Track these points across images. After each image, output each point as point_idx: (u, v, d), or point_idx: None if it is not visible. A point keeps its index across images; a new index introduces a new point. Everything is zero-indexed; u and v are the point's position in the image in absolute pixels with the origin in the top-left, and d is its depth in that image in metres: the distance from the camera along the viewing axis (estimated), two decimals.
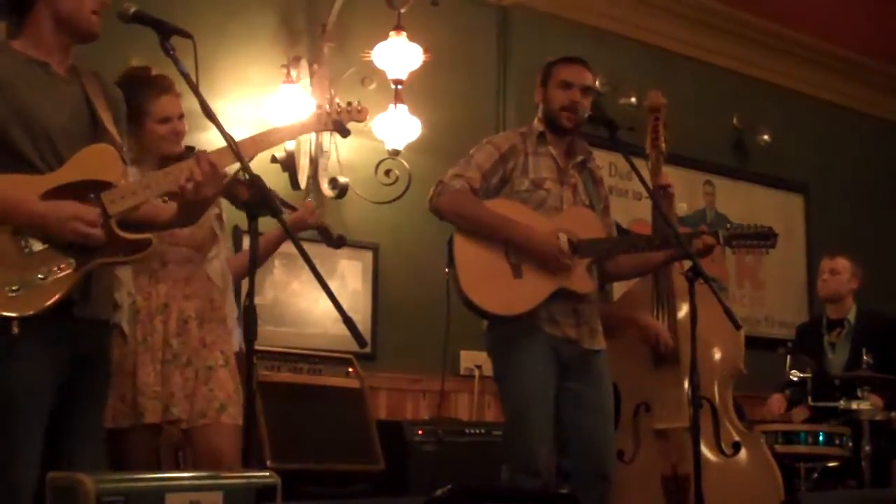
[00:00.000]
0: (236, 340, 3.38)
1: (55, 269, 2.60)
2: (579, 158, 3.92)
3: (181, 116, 3.37)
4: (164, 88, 3.34)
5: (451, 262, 3.72)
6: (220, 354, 3.29)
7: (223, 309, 3.38)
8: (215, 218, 3.42)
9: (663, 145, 4.35)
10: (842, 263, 5.53)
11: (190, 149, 3.36)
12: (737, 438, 4.13)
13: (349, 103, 3.03)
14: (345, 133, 3.00)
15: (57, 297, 2.59)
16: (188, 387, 3.23)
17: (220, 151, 2.80)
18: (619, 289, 4.92)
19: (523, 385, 3.68)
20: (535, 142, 3.85)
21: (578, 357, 3.76)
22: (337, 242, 3.75)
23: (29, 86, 2.68)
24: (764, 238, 3.99)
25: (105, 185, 2.68)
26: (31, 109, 2.65)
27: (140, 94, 3.31)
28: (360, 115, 3.05)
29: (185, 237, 3.29)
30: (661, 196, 4.15)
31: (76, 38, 2.77)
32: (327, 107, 3.02)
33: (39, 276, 2.58)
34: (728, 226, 4.05)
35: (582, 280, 3.76)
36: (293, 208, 3.61)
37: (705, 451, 3.84)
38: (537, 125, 3.90)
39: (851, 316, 5.51)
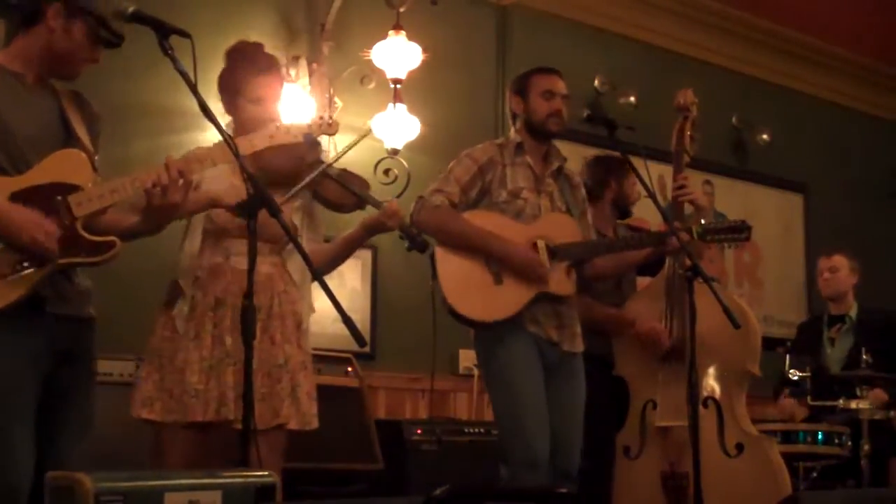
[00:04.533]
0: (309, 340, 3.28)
1: (18, 267, 2.64)
2: (555, 165, 3.99)
3: (277, 99, 3.28)
4: (264, 69, 3.26)
5: (434, 274, 3.80)
6: (282, 353, 3.17)
7: (296, 304, 3.26)
8: (296, 209, 3.31)
9: (689, 146, 4.35)
10: (839, 260, 5.56)
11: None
12: (741, 440, 4.12)
13: (321, 116, 3.04)
14: (315, 146, 3.00)
15: (19, 294, 2.63)
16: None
17: (186, 158, 2.84)
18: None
19: (513, 379, 3.74)
20: (512, 153, 3.92)
21: (558, 359, 3.83)
22: (420, 246, 3.60)
23: (1, 94, 2.72)
24: (737, 231, 4.08)
25: (73, 188, 2.72)
26: (2, 116, 2.69)
27: (238, 69, 3.24)
28: (330, 128, 3.06)
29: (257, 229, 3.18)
30: (679, 205, 4.22)
31: (57, 74, 2.84)
32: (294, 122, 3.00)
33: (2, 273, 2.61)
34: (702, 221, 4.10)
35: (561, 283, 3.84)
36: (377, 206, 3.44)
37: (707, 450, 3.83)
38: (514, 136, 3.97)
39: (853, 312, 5.53)
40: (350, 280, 5.16)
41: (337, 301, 2.61)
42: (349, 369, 4.57)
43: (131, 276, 4.20)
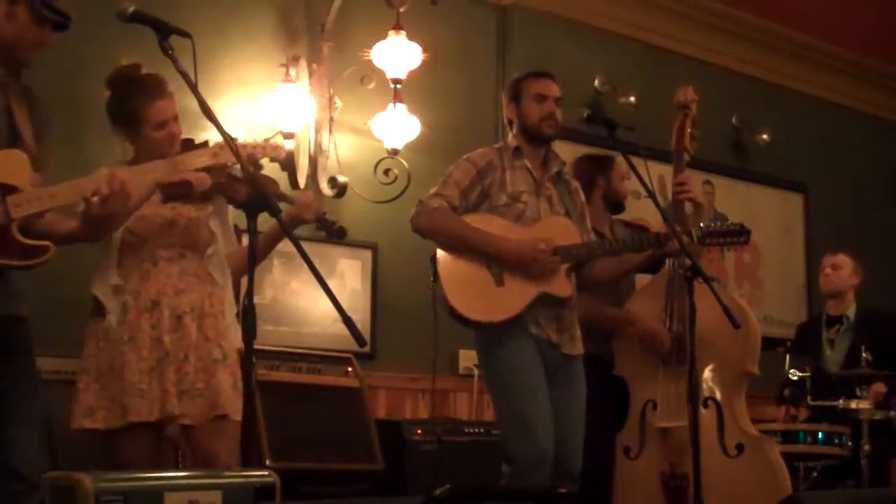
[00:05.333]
0: (236, 337, 3.33)
1: None
2: (554, 170, 4.00)
3: (176, 118, 3.34)
4: (159, 93, 3.31)
5: (436, 277, 3.82)
6: (219, 349, 3.25)
7: (222, 304, 3.35)
8: (212, 215, 3.39)
9: (689, 144, 4.36)
10: (843, 259, 5.58)
11: (203, 143, 3.31)
12: (741, 440, 4.12)
13: (266, 139, 3.05)
14: (258, 167, 3.01)
15: None
16: (186, 382, 3.19)
17: (132, 170, 2.88)
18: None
19: (516, 379, 3.75)
20: (511, 156, 3.93)
21: (558, 361, 3.83)
22: (337, 233, 3.71)
23: None
24: (736, 235, 4.13)
25: (11, 189, 2.71)
26: None
27: (134, 98, 3.29)
28: (275, 151, 3.09)
29: (177, 236, 3.29)
30: (681, 204, 4.26)
31: (7, 63, 2.83)
32: (242, 139, 3.03)
33: None
34: (701, 225, 4.12)
35: (562, 285, 3.85)
36: (290, 201, 3.55)
37: (707, 451, 3.83)
38: (512, 140, 3.98)
39: (851, 313, 5.53)
40: (350, 280, 5.16)
41: (337, 301, 2.61)
42: (349, 369, 4.57)
43: None
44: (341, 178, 4.98)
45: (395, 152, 5.04)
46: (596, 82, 6.04)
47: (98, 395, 3.20)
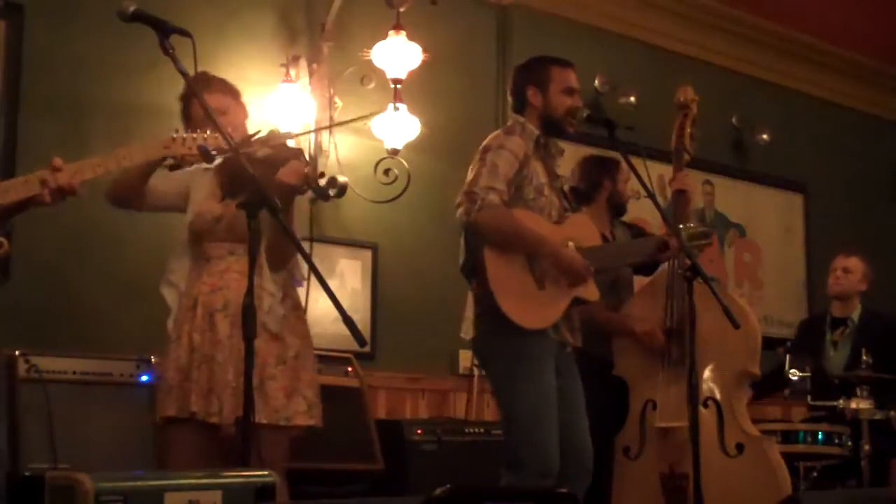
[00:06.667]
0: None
1: None
2: (558, 161, 3.95)
3: (223, 111, 3.25)
4: (198, 90, 3.21)
5: (482, 275, 3.65)
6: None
7: (265, 297, 3.26)
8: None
9: (689, 144, 4.37)
10: (855, 263, 5.55)
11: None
12: (740, 440, 4.12)
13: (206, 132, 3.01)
14: (209, 159, 2.99)
15: None
16: (215, 381, 3.15)
17: (80, 164, 2.84)
18: None
19: (541, 389, 3.68)
20: (532, 146, 3.82)
21: (563, 356, 3.82)
22: (325, 196, 3.54)
23: None
24: (707, 236, 4.29)
25: None
26: None
27: (188, 105, 3.33)
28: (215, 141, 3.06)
29: (223, 231, 3.27)
30: (677, 198, 4.29)
31: None
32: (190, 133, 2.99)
33: None
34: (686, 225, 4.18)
35: (591, 288, 3.82)
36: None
37: (707, 451, 3.83)
38: (532, 128, 3.86)
39: (855, 315, 5.52)
40: (350, 280, 5.16)
41: (337, 301, 2.61)
42: (349, 369, 4.57)
43: (133, 278, 4.20)
44: (341, 178, 4.96)
45: (395, 152, 5.03)
46: (596, 82, 6.04)
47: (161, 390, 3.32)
